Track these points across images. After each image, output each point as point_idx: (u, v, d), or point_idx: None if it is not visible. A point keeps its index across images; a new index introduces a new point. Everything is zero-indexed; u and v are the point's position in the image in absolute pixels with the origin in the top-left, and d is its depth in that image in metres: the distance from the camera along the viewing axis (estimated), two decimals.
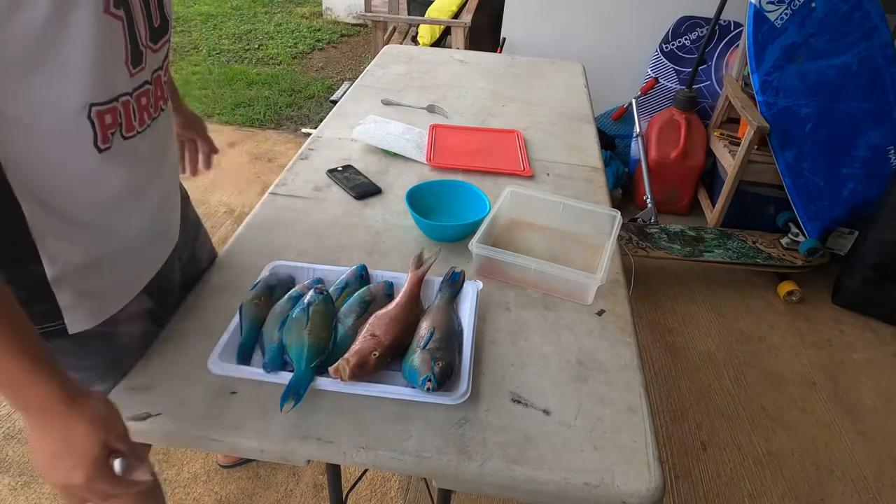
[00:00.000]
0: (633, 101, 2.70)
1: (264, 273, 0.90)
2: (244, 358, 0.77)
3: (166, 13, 0.71)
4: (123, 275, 0.76)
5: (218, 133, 3.27)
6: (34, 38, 0.53)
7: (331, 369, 0.73)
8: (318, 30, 4.92)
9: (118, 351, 0.78)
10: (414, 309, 0.84)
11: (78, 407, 0.58)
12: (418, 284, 0.87)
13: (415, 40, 3.64)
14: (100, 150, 0.64)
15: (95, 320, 0.73)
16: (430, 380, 0.71)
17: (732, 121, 2.58)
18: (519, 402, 0.76)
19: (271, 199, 1.14)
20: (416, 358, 0.74)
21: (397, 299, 0.84)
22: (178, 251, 0.89)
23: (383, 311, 0.82)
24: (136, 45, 0.63)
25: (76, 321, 0.71)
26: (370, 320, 0.80)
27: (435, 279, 0.91)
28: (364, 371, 0.73)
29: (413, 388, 0.74)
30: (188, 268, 0.94)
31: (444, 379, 0.73)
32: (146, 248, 0.79)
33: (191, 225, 0.98)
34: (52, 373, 0.58)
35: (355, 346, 0.75)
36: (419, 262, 0.91)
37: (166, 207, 0.83)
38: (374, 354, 0.74)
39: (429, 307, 0.86)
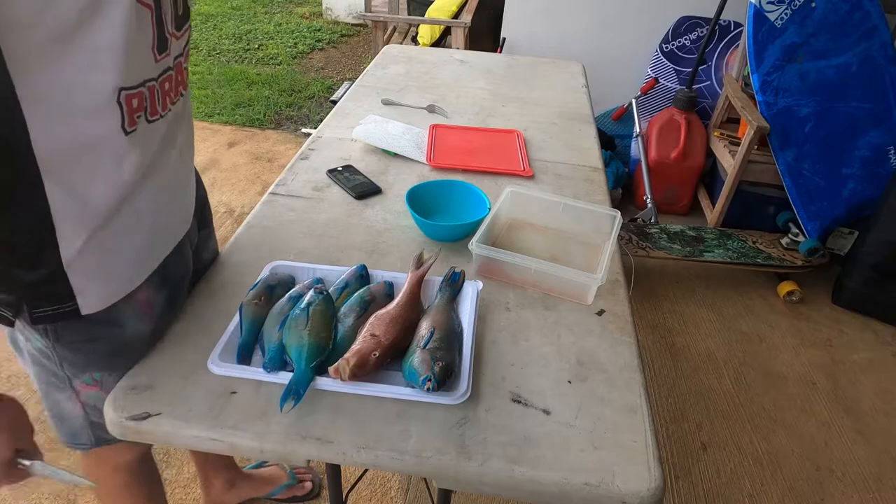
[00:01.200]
0: (633, 101, 2.70)
1: (264, 273, 0.90)
2: (244, 358, 0.77)
3: (187, 2, 0.73)
4: (136, 255, 0.76)
5: (218, 133, 3.27)
6: (72, 23, 0.56)
7: (330, 369, 0.73)
8: (318, 30, 4.92)
9: (124, 341, 0.78)
10: (414, 309, 0.84)
11: None
12: (418, 284, 0.87)
13: (415, 40, 3.64)
14: (126, 133, 0.65)
15: (107, 302, 0.73)
16: (430, 380, 0.71)
17: (732, 121, 2.59)
18: (519, 402, 0.76)
19: (271, 199, 1.14)
20: (416, 358, 0.74)
21: (397, 299, 0.84)
22: (190, 236, 0.89)
23: (383, 311, 0.82)
24: (163, 32, 0.66)
25: (88, 302, 0.71)
26: (370, 320, 0.80)
27: (435, 279, 0.91)
28: (364, 371, 0.73)
29: (413, 388, 0.74)
30: (195, 258, 0.93)
31: (444, 379, 0.73)
32: (158, 227, 0.79)
33: (200, 208, 0.97)
34: None
35: (355, 347, 0.75)
36: (419, 262, 0.91)
37: (178, 187, 0.83)
38: (374, 354, 0.74)
39: (429, 307, 0.86)
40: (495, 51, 2.89)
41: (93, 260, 0.70)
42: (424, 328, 0.79)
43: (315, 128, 2.67)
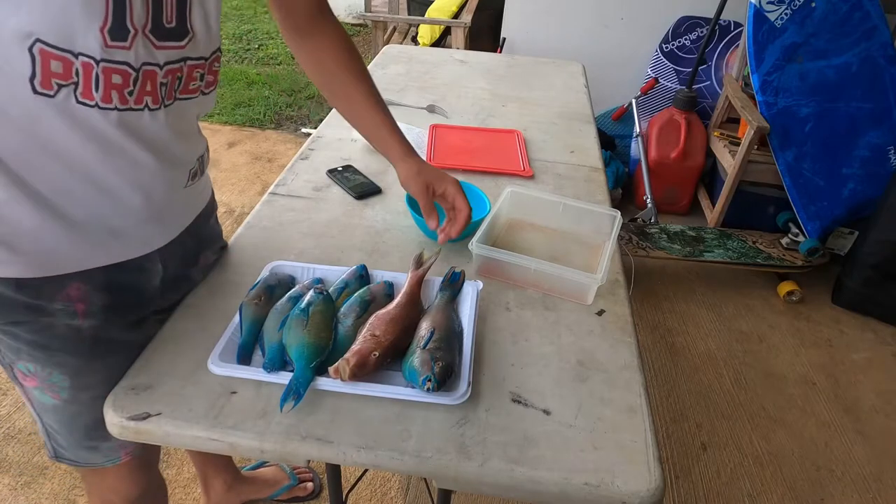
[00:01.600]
0: (633, 101, 2.70)
1: (264, 273, 0.90)
2: (244, 358, 0.77)
3: (189, 25, 0.68)
4: (52, 242, 0.70)
5: (218, 133, 3.27)
6: None
7: (331, 369, 0.73)
8: None
9: (48, 334, 0.74)
10: (414, 309, 0.84)
11: None
12: (418, 284, 0.87)
13: (415, 40, 3.64)
14: (35, 91, 0.60)
15: (5, 271, 0.69)
16: (430, 380, 0.71)
17: (732, 121, 2.59)
18: (519, 402, 0.76)
19: (271, 199, 1.14)
20: (416, 358, 0.74)
21: (397, 299, 0.84)
22: (162, 256, 0.82)
23: (383, 311, 0.82)
24: (122, 19, 0.61)
25: None
26: (370, 320, 0.80)
27: (435, 279, 0.91)
28: (364, 371, 0.73)
29: (413, 388, 0.74)
30: (173, 282, 0.87)
31: (444, 379, 0.73)
32: (85, 226, 0.72)
33: (197, 241, 0.91)
34: None
35: (355, 347, 0.75)
36: (419, 262, 0.91)
37: (144, 212, 0.76)
38: (374, 354, 0.74)
39: (429, 307, 0.86)
40: (495, 51, 2.89)
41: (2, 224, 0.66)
42: (424, 328, 0.79)
43: (315, 128, 2.67)
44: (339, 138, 1.39)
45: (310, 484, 1.50)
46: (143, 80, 0.66)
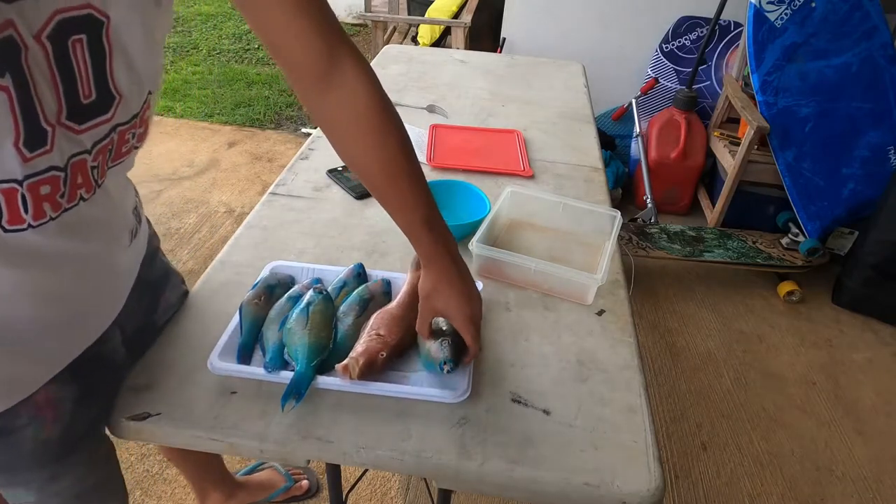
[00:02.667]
0: (633, 101, 2.70)
1: (264, 273, 0.90)
2: (244, 358, 0.77)
3: (113, 89, 0.56)
4: (16, 370, 0.62)
5: (218, 133, 3.27)
6: None
7: (339, 367, 0.72)
8: None
9: (13, 454, 0.65)
10: (415, 309, 0.84)
11: None
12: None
13: (415, 40, 3.64)
14: None
15: None
16: (446, 363, 0.73)
17: (732, 121, 2.58)
18: (519, 402, 0.76)
19: (271, 199, 1.14)
20: (431, 347, 0.76)
21: (398, 298, 0.84)
22: (119, 321, 0.76)
23: (386, 309, 0.82)
24: (35, 121, 0.49)
25: None
26: (374, 319, 0.80)
27: None
28: (372, 371, 0.73)
29: (415, 386, 0.74)
30: (137, 336, 0.81)
31: (458, 357, 0.74)
32: (53, 337, 0.64)
33: (153, 284, 0.85)
34: None
35: (362, 346, 0.75)
36: (419, 263, 0.90)
37: (92, 301, 0.68)
38: (382, 355, 0.74)
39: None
40: (495, 51, 2.89)
41: None
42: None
43: (315, 128, 2.67)
44: None
45: (305, 482, 1.50)
46: (73, 175, 0.55)
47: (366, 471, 1.45)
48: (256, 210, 1.11)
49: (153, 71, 0.61)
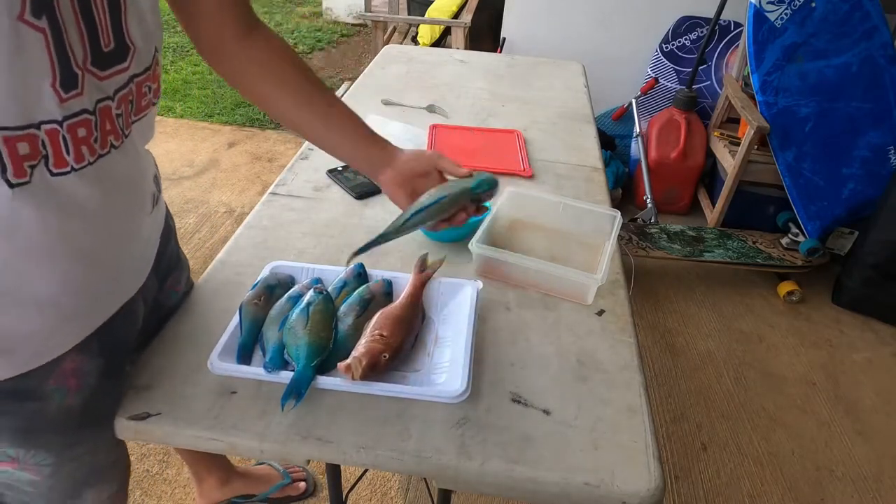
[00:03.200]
0: (633, 101, 2.70)
1: (264, 273, 0.90)
2: (244, 358, 0.77)
3: (128, 40, 0.61)
4: (46, 332, 0.64)
5: (218, 133, 3.27)
6: None
7: (341, 366, 0.72)
8: (318, 30, 4.92)
9: (44, 418, 0.68)
10: (416, 311, 0.84)
11: None
12: (422, 287, 0.87)
13: (415, 40, 3.64)
14: (11, 185, 0.53)
15: (10, 372, 0.63)
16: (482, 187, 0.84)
17: (732, 121, 2.59)
18: (519, 402, 0.76)
19: (271, 199, 1.14)
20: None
21: (401, 299, 0.84)
22: (143, 291, 0.78)
23: (388, 309, 0.82)
24: (68, 64, 0.54)
25: None
26: (376, 319, 0.80)
27: (435, 281, 0.90)
28: (375, 372, 0.73)
29: (415, 386, 0.74)
30: (152, 310, 0.84)
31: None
32: (82, 302, 0.67)
33: (166, 261, 0.87)
34: None
35: (364, 346, 0.75)
36: (423, 265, 0.90)
37: (116, 251, 0.70)
38: (384, 356, 0.74)
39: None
40: (495, 51, 2.89)
41: None
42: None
43: None
44: None
45: (302, 484, 1.50)
46: (102, 120, 0.60)
47: (366, 471, 1.45)
48: (256, 210, 1.11)
49: (157, 27, 0.68)
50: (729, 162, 2.37)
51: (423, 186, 0.85)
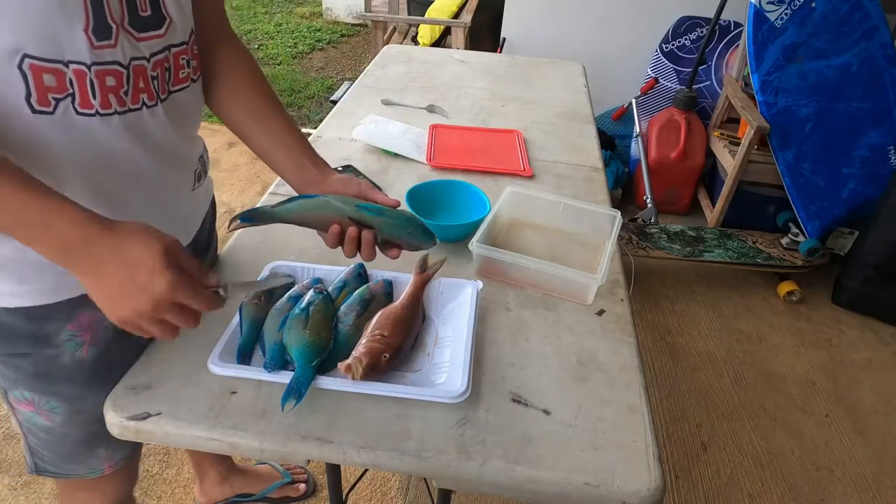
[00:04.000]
0: (633, 101, 2.70)
1: (264, 273, 0.90)
2: (244, 358, 0.77)
3: (164, 11, 0.66)
4: (59, 267, 0.65)
5: (218, 133, 3.27)
6: None
7: (341, 365, 0.72)
8: (318, 30, 4.92)
9: (58, 365, 0.71)
10: (416, 311, 0.84)
11: (118, 224, 0.56)
12: (422, 288, 0.87)
13: (415, 40, 3.64)
14: (34, 111, 0.57)
15: (19, 301, 0.66)
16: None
17: (732, 121, 2.59)
18: (519, 402, 0.76)
19: (271, 199, 1.14)
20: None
21: (401, 299, 0.84)
22: None
23: (389, 310, 0.82)
24: (103, 16, 0.58)
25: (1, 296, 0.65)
26: (377, 319, 0.80)
27: (436, 281, 0.90)
28: (375, 372, 0.73)
29: (415, 386, 0.74)
30: None
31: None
32: None
33: (204, 248, 0.92)
34: (74, 205, 0.55)
35: (365, 347, 0.75)
36: (423, 266, 0.90)
37: (146, 209, 0.73)
38: (385, 356, 0.74)
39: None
40: (495, 51, 2.89)
41: (5, 248, 0.63)
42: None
43: (315, 128, 2.67)
44: (339, 138, 1.39)
45: (302, 485, 1.50)
46: (135, 77, 0.64)
47: (366, 471, 1.45)
48: None
49: (189, 6, 0.72)
50: (729, 162, 2.37)
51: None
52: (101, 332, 0.74)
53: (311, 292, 0.81)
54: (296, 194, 0.80)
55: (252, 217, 0.75)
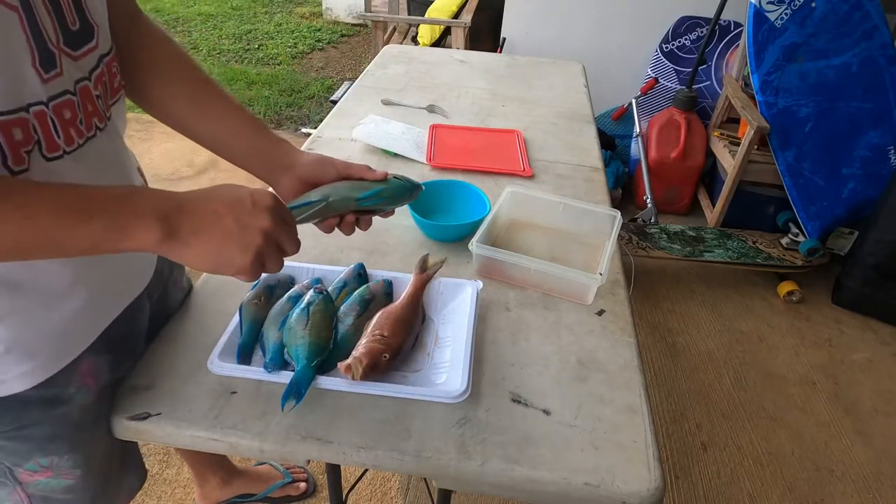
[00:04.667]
0: (633, 101, 2.70)
1: (264, 273, 0.90)
2: (244, 358, 0.77)
3: (90, 19, 0.61)
4: (62, 329, 0.65)
5: None
6: None
7: (341, 365, 0.72)
8: (318, 30, 4.92)
9: (64, 422, 0.69)
10: (416, 311, 0.84)
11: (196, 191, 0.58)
12: (422, 288, 0.87)
13: (415, 40, 3.64)
14: (13, 173, 0.53)
15: (32, 380, 0.64)
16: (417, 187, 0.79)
17: (732, 121, 2.59)
18: (519, 402, 0.76)
19: None
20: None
21: (402, 299, 0.84)
22: (149, 289, 0.80)
23: (389, 310, 0.82)
24: (43, 42, 0.54)
25: (7, 382, 0.62)
26: (377, 319, 0.80)
27: (436, 281, 0.90)
28: (375, 372, 0.73)
29: (415, 386, 0.74)
30: (156, 308, 0.84)
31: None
32: (93, 297, 0.67)
33: (168, 260, 0.89)
34: (139, 186, 0.56)
35: (365, 347, 0.75)
36: (423, 266, 0.90)
37: (121, 264, 0.70)
38: (385, 357, 0.74)
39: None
40: (495, 51, 2.89)
41: (9, 330, 0.61)
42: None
43: (315, 128, 2.67)
44: (338, 138, 1.39)
45: (303, 484, 1.50)
46: (83, 101, 0.60)
47: (366, 471, 1.45)
48: None
49: (105, 7, 0.66)
50: (729, 162, 2.37)
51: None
52: (101, 374, 0.72)
53: (311, 292, 0.81)
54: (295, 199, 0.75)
55: None
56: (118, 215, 0.53)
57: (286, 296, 0.84)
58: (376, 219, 1.06)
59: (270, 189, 0.61)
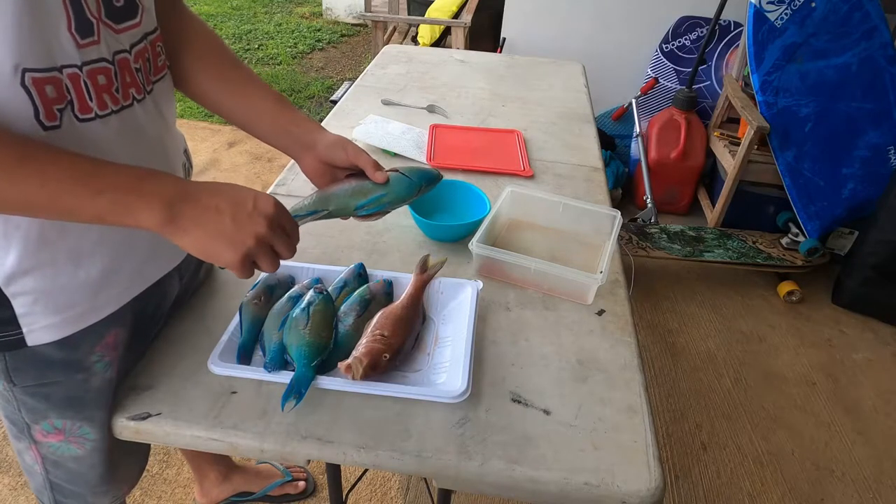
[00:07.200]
0: (633, 101, 2.70)
1: (264, 273, 0.90)
2: (244, 358, 0.77)
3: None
4: (95, 284, 0.67)
5: (218, 133, 3.27)
6: None
7: (342, 365, 0.72)
8: (318, 30, 4.92)
9: (82, 388, 0.71)
10: (416, 311, 0.84)
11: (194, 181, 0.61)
12: (422, 288, 0.87)
13: (415, 40, 3.64)
14: (45, 128, 0.57)
15: (56, 333, 0.66)
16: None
17: (732, 121, 2.59)
18: (519, 402, 0.76)
19: None
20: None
21: (403, 299, 0.84)
22: (180, 270, 0.82)
23: (390, 309, 0.82)
24: (81, 11, 0.57)
25: (34, 332, 0.65)
26: (377, 319, 0.80)
27: (436, 281, 0.90)
28: (376, 372, 0.73)
29: (415, 386, 0.74)
30: (181, 293, 0.86)
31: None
32: (119, 261, 0.69)
33: None
34: (154, 169, 0.60)
35: (366, 346, 0.75)
36: (424, 266, 0.90)
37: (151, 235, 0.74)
38: (385, 356, 0.74)
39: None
40: (495, 51, 2.89)
41: (37, 281, 0.63)
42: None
43: None
44: None
45: (302, 483, 1.50)
46: (121, 71, 0.63)
47: (366, 471, 1.45)
48: None
49: None
50: (729, 162, 2.37)
51: (343, 176, 0.82)
52: (122, 349, 0.74)
53: (311, 292, 0.81)
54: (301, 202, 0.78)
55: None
56: (127, 195, 0.56)
57: (286, 296, 0.84)
58: (376, 221, 1.06)
59: (275, 197, 0.65)
